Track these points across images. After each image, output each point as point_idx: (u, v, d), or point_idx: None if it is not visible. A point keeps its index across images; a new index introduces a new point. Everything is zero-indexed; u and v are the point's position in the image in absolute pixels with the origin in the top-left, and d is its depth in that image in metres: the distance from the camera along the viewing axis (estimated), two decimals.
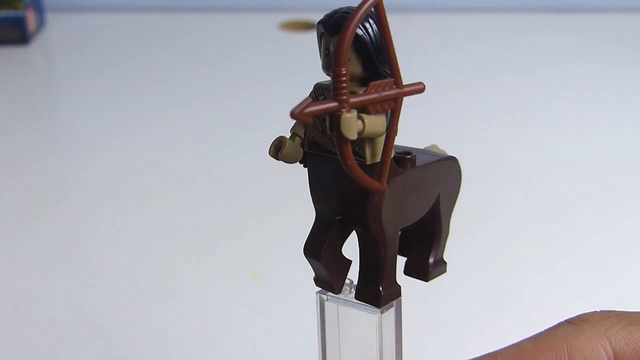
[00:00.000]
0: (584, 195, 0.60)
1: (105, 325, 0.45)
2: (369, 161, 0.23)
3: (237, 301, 0.47)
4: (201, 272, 0.50)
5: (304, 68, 0.87)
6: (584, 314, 0.25)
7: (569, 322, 0.25)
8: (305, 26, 1.02)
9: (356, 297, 0.25)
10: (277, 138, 0.25)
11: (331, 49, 0.23)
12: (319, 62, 0.25)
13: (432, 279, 0.27)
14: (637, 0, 1.08)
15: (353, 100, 0.21)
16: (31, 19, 0.94)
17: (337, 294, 0.26)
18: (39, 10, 0.98)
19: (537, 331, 0.26)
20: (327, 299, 0.26)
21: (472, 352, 0.27)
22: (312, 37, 1.18)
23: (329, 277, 0.25)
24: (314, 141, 0.24)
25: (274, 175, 0.63)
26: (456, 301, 0.47)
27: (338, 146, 0.21)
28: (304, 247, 0.25)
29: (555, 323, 0.26)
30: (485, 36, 0.99)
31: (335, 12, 0.23)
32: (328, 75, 0.23)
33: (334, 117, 0.20)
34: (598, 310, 0.26)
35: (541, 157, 0.67)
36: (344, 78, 0.20)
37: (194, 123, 0.74)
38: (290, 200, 0.58)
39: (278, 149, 0.24)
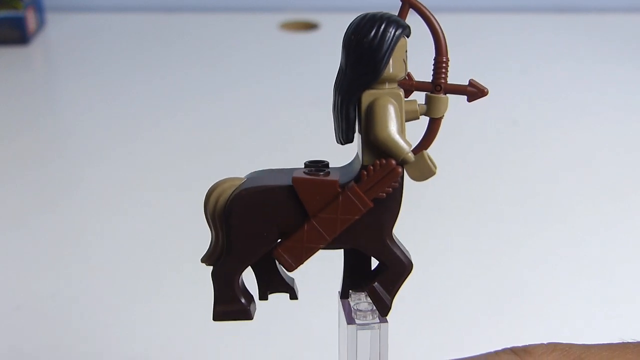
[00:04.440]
0: (583, 194, 0.60)
1: (105, 326, 0.45)
2: None
3: None
4: (201, 271, 0.50)
5: (304, 68, 0.87)
6: (529, 346, 0.25)
7: (513, 351, 0.25)
8: (305, 26, 1.02)
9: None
10: None
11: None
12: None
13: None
14: (637, 0, 1.08)
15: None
16: (31, 19, 0.94)
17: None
18: (39, 10, 0.98)
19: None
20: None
21: (466, 350, 0.27)
22: (312, 37, 1.18)
23: None
24: None
25: None
26: (455, 300, 0.47)
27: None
28: None
29: (500, 348, 0.26)
30: (485, 36, 0.99)
31: (389, 15, 0.24)
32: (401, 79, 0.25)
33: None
34: (545, 342, 0.26)
35: (541, 157, 0.67)
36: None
37: (194, 123, 0.74)
38: None
39: None
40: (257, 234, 0.26)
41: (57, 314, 0.46)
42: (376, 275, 0.26)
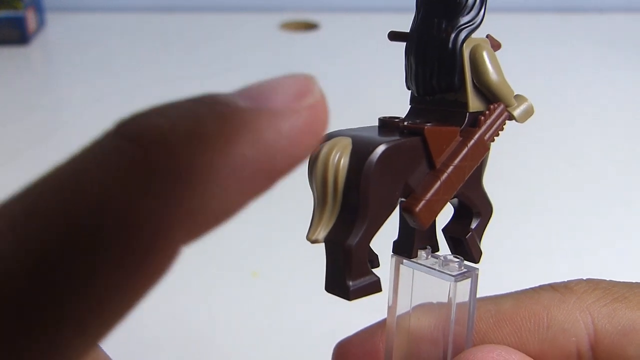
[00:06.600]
0: (583, 193, 0.60)
1: None
2: None
3: (237, 301, 0.47)
4: (201, 271, 0.50)
5: (304, 68, 0.88)
6: (570, 282, 0.25)
7: (553, 287, 0.24)
8: (305, 26, 1.02)
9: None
10: None
11: None
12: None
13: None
14: (637, 0, 1.08)
15: None
16: (31, 19, 0.94)
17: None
18: (39, 10, 0.98)
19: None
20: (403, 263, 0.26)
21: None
22: (312, 37, 1.18)
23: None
24: None
25: None
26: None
27: None
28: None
29: (538, 284, 0.25)
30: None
31: None
32: None
33: None
34: (584, 278, 0.25)
35: (541, 157, 0.67)
36: None
37: None
38: (290, 199, 0.58)
39: None
40: (390, 195, 0.23)
41: None
42: (468, 223, 0.26)
